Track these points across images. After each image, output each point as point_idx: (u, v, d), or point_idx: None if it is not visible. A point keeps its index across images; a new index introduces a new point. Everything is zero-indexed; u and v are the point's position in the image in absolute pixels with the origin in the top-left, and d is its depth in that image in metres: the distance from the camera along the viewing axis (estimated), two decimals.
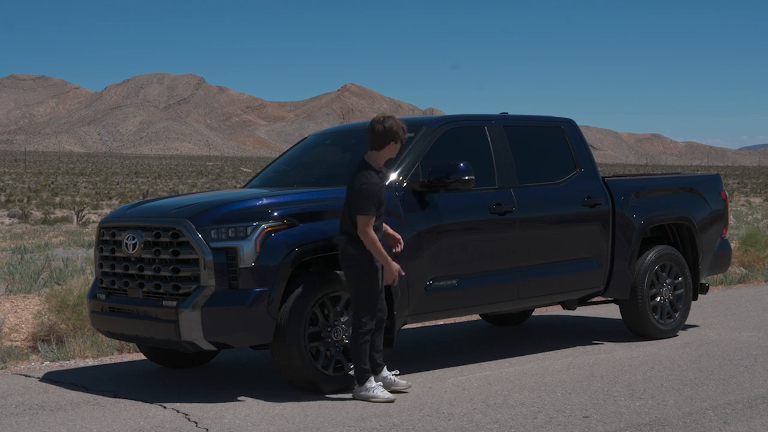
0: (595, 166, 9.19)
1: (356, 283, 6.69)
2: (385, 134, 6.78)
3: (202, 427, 6.14)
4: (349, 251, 6.67)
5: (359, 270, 6.66)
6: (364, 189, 6.59)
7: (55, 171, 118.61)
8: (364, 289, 6.68)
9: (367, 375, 6.73)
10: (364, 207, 6.57)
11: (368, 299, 6.68)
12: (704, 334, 9.67)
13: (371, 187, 6.61)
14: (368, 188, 6.60)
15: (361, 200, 6.58)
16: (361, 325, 6.69)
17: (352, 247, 6.66)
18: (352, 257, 6.66)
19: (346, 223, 6.72)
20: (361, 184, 6.61)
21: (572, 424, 6.08)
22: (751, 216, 36.56)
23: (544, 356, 8.54)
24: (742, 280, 14.98)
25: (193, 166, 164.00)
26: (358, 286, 6.69)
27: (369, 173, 6.69)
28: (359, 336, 6.69)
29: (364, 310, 6.69)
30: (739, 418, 6.18)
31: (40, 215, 45.64)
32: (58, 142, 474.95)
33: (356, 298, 6.72)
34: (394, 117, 6.89)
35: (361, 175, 6.67)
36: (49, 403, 6.89)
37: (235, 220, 6.83)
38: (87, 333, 9.14)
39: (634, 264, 9.18)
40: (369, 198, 6.57)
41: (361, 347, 6.70)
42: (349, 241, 6.68)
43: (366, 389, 6.71)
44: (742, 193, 78.06)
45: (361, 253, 6.63)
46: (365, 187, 6.60)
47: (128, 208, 7.82)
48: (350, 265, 6.68)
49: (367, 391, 6.71)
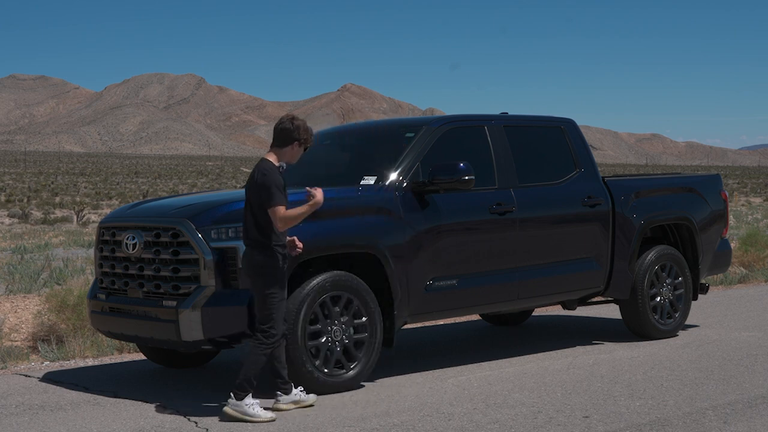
0: (595, 166, 9.20)
1: (264, 290, 6.33)
2: (290, 132, 6.50)
3: (202, 427, 6.14)
4: (256, 259, 6.34)
5: (267, 277, 6.32)
6: (267, 180, 6.29)
7: (55, 171, 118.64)
8: (272, 296, 6.33)
9: (249, 390, 6.30)
10: (274, 197, 6.25)
11: (277, 307, 6.35)
12: (704, 334, 9.67)
13: (274, 176, 6.32)
14: (271, 178, 6.30)
15: (270, 191, 6.26)
16: (267, 335, 6.33)
17: (258, 254, 6.33)
18: (258, 264, 6.33)
19: (250, 229, 6.39)
20: (264, 176, 6.31)
21: (572, 424, 6.08)
22: (751, 216, 36.57)
23: (544, 356, 8.54)
24: (742, 280, 14.99)
25: (193, 166, 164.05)
26: (267, 294, 6.33)
27: (270, 166, 6.40)
28: (262, 346, 6.32)
29: (271, 319, 6.34)
30: (739, 418, 6.18)
31: (40, 215, 45.63)
32: (58, 142, 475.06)
33: (263, 306, 6.36)
34: (303, 120, 6.64)
35: (261, 170, 6.37)
36: (49, 403, 6.89)
37: (235, 220, 6.82)
38: (87, 333, 9.13)
39: (634, 264, 9.18)
40: (276, 187, 6.26)
41: (259, 359, 6.33)
42: (255, 248, 6.35)
43: (246, 404, 6.28)
44: (742, 193, 78.05)
45: (268, 260, 6.32)
46: (267, 177, 6.30)
47: (128, 208, 7.82)
48: (257, 272, 6.34)
49: (246, 407, 6.27)
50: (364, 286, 7.20)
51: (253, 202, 6.40)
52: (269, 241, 6.34)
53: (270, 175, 6.33)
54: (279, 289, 6.36)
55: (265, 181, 6.31)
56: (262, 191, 6.31)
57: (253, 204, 6.39)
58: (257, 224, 6.36)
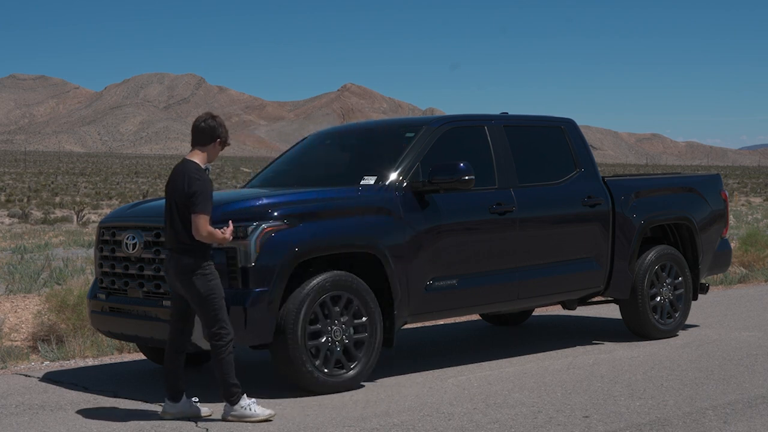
0: (595, 166, 9.19)
1: (202, 293, 6.14)
2: (213, 130, 6.31)
3: (202, 427, 6.14)
4: (185, 263, 6.15)
5: (202, 279, 6.14)
6: (198, 186, 6.12)
7: (55, 171, 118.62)
8: (211, 297, 6.14)
9: (237, 391, 6.19)
10: (204, 206, 6.09)
11: (218, 306, 6.16)
12: (704, 334, 9.67)
13: (206, 184, 6.16)
14: (203, 185, 6.13)
15: (200, 199, 6.09)
16: (219, 337, 6.15)
17: (188, 258, 6.15)
18: (189, 269, 6.15)
19: (179, 233, 6.19)
20: (196, 180, 6.13)
21: (572, 424, 6.08)
22: (751, 216, 36.56)
23: (544, 356, 8.54)
24: (742, 280, 14.99)
25: None
26: (206, 296, 6.14)
27: (200, 171, 6.23)
28: (221, 349, 6.15)
29: (217, 320, 6.16)
30: (739, 418, 6.18)
31: (40, 215, 45.63)
32: (58, 142, 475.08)
33: (206, 310, 6.16)
34: (219, 117, 6.46)
35: (190, 173, 6.18)
36: (49, 403, 6.89)
37: (235, 220, 6.82)
38: (87, 333, 9.13)
39: (634, 264, 9.18)
40: (205, 194, 6.11)
41: (224, 361, 6.14)
42: (183, 252, 6.17)
43: (241, 407, 6.18)
44: (742, 193, 78.04)
45: (197, 261, 6.15)
46: (200, 183, 6.13)
47: (128, 208, 7.82)
48: (190, 277, 6.15)
49: (242, 410, 6.17)
50: (364, 286, 7.20)
51: (180, 205, 6.20)
52: (201, 244, 6.17)
53: (202, 181, 6.15)
54: (217, 287, 6.19)
55: (197, 186, 6.12)
56: (191, 195, 6.11)
57: (180, 207, 6.19)
58: (186, 228, 6.16)
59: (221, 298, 6.22)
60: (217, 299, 6.19)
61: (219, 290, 6.21)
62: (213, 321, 6.18)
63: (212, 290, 6.18)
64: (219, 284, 6.24)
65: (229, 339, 6.19)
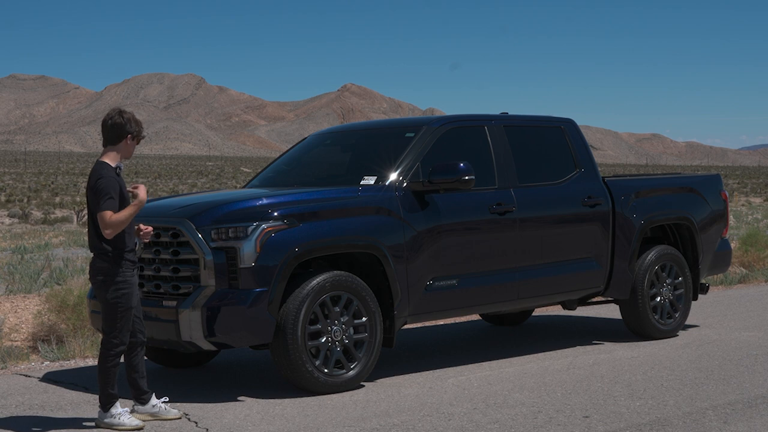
0: (595, 166, 9.19)
1: (108, 299, 6.08)
2: (123, 126, 6.14)
3: (202, 427, 6.14)
4: (99, 265, 6.09)
5: (110, 285, 6.06)
6: (100, 184, 5.97)
7: (55, 171, 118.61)
8: (115, 305, 6.07)
9: (113, 400, 6.12)
10: (102, 202, 5.93)
11: (120, 317, 6.10)
12: (704, 334, 9.67)
13: (109, 181, 5.99)
14: (105, 182, 5.98)
15: (101, 196, 5.95)
16: (111, 346, 6.10)
17: (101, 261, 6.08)
18: (100, 271, 6.09)
19: (92, 236, 6.12)
20: (98, 179, 6.00)
21: (572, 424, 6.08)
22: (751, 216, 36.57)
23: (544, 356, 8.55)
24: (742, 280, 14.99)
25: (193, 166, 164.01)
26: (110, 302, 6.07)
27: (105, 169, 6.07)
28: (108, 358, 6.09)
29: (114, 329, 6.10)
30: (739, 418, 6.18)
31: (40, 215, 45.65)
32: (58, 142, 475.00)
33: (107, 316, 6.11)
34: (131, 112, 6.27)
35: (96, 173, 6.05)
36: (49, 403, 6.89)
37: (235, 220, 6.83)
38: (87, 333, 9.13)
39: (634, 264, 9.18)
40: (107, 192, 5.95)
41: (109, 370, 6.09)
42: (99, 255, 6.10)
43: (111, 415, 6.10)
44: (742, 193, 78.07)
45: (111, 267, 6.06)
46: (101, 181, 5.98)
47: None
48: (100, 279, 6.09)
49: (112, 418, 6.10)
50: (364, 286, 7.20)
51: (91, 208, 6.11)
52: (111, 248, 6.07)
53: (104, 178, 6.01)
54: (124, 297, 6.09)
55: (97, 185, 5.99)
56: (94, 194, 6.01)
57: (91, 208, 6.11)
58: (98, 230, 6.07)
59: (127, 309, 6.12)
60: (121, 309, 6.10)
61: (126, 300, 6.10)
62: (110, 329, 6.14)
63: (118, 299, 6.08)
64: (129, 294, 6.11)
65: (119, 351, 6.14)
